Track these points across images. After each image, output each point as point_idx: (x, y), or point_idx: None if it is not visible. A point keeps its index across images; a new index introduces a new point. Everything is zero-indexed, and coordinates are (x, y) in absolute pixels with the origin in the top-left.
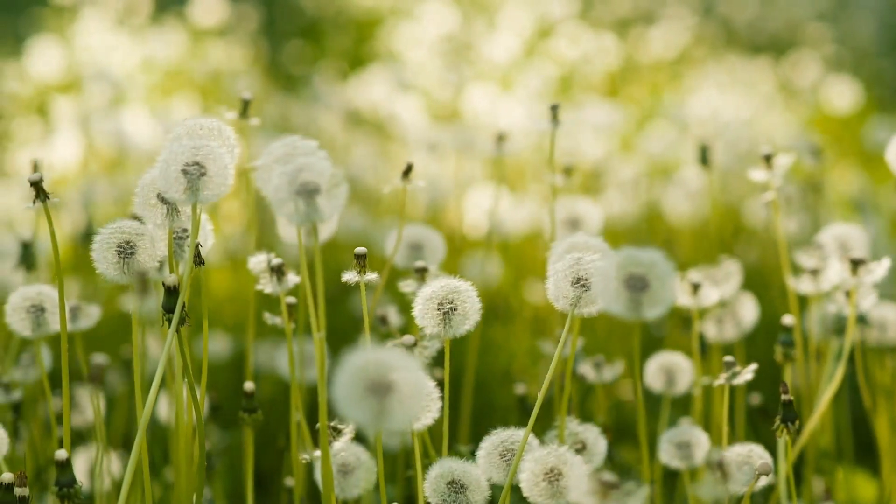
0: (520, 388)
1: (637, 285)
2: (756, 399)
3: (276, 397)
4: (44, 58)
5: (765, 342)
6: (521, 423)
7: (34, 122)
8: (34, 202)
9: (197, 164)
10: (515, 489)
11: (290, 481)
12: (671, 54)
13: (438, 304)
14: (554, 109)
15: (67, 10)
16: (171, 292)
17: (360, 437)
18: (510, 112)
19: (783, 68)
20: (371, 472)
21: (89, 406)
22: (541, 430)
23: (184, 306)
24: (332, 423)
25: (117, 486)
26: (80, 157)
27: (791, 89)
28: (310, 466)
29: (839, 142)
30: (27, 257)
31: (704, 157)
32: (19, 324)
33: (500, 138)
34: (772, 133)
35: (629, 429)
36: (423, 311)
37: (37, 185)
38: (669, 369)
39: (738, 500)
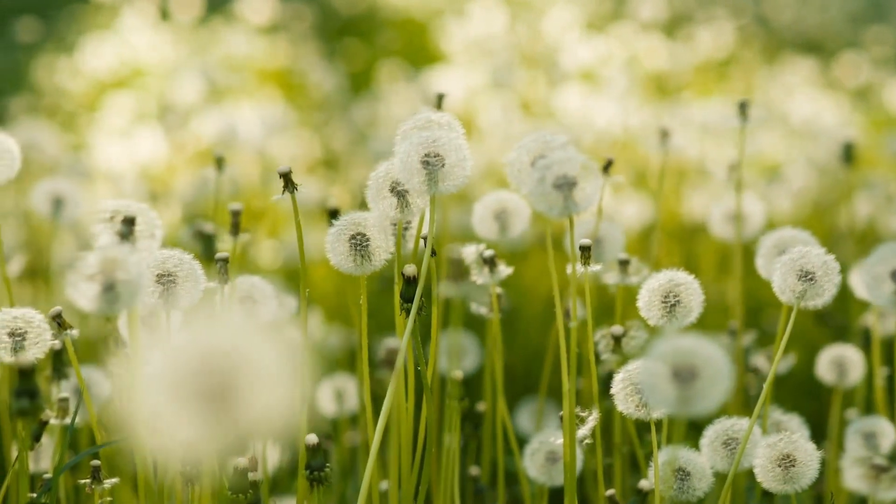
0: None
1: None
2: None
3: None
4: (96, 54)
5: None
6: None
7: (97, 117)
8: (283, 193)
9: (437, 154)
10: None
11: (474, 470)
12: (720, 55)
13: (664, 296)
14: (743, 107)
15: (107, 8)
16: (410, 282)
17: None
18: (603, 110)
19: (832, 69)
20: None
21: None
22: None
23: (421, 296)
24: (577, 411)
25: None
26: (172, 152)
27: (845, 89)
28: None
29: None
30: (210, 250)
31: (849, 155)
32: None
33: (664, 135)
34: (853, 133)
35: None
36: (649, 303)
37: (286, 177)
38: (841, 362)
39: None
